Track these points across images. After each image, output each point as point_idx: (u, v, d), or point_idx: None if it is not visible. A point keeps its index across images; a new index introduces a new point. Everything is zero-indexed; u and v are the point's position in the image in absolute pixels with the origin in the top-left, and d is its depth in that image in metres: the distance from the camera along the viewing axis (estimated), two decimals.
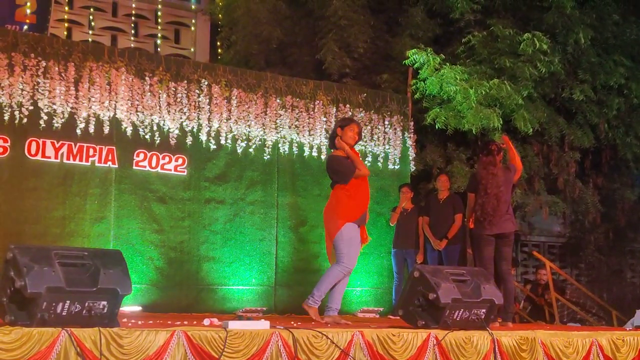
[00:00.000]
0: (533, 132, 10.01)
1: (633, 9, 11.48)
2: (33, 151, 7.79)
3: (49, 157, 7.87)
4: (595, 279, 12.91)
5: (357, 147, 9.52)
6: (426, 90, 9.59)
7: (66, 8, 12.57)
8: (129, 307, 7.49)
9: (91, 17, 12.77)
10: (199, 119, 8.64)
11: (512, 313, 7.19)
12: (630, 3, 11.50)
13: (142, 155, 8.37)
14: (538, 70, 9.72)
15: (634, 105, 11.10)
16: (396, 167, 9.91)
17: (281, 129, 9.16)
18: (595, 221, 11.90)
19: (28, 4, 11.38)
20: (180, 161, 8.60)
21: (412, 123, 10.17)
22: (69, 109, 7.93)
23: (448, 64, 9.58)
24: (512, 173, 7.13)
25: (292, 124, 9.24)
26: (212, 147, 8.73)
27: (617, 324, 9.75)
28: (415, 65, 9.58)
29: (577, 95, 10.33)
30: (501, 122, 9.53)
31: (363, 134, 9.68)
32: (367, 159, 9.68)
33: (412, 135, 10.12)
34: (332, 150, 6.91)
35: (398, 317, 5.82)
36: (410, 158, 10.08)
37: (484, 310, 5.50)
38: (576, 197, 11.26)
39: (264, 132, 9.05)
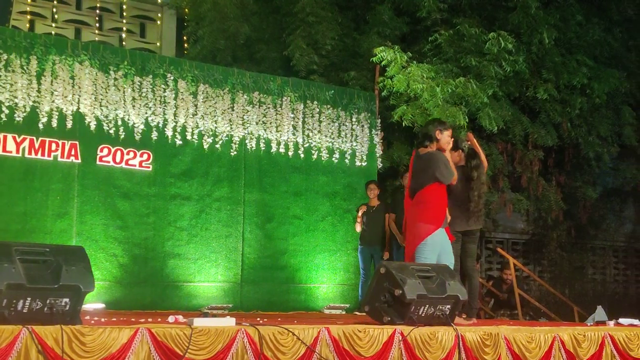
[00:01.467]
0: (498, 131, 10.11)
1: (596, 10, 11.65)
2: None
3: (10, 152, 7.75)
4: (557, 275, 13.10)
5: (325, 144, 9.63)
6: (393, 87, 9.61)
7: (29, 0, 12.35)
8: (92, 304, 7.40)
9: (54, 10, 12.57)
10: (164, 114, 8.57)
11: (477, 309, 7.25)
12: (593, 4, 11.68)
13: (106, 151, 8.28)
14: (503, 70, 9.81)
15: (596, 105, 11.27)
16: (363, 164, 9.94)
17: (248, 125, 9.12)
18: (558, 218, 12.06)
19: None
20: (145, 157, 8.51)
21: (379, 120, 10.22)
22: (31, 103, 7.82)
23: (415, 62, 9.62)
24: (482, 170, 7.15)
25: (259, 120, 9.21)
26: (178, 142, 8.67)
27: (578, 320, 9.89)
28: (383, 63, 9.60)
29: (541, 95, 10.45)
30: (467, 120, 9.59)
31: (330, 131, 9.73)
32: (334, 155, 9.69)
33: (379, 133, 10.17)
34: (421, 149, 6.47)
35: (364, 314, 5.83)
36: (377, 155, 10.13)
37: (448, 306, 5.54)
38: (539, 195, 11.40)
39: (231, 128, 9.01)
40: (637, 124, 12.05)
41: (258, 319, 6.01)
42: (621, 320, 7.19)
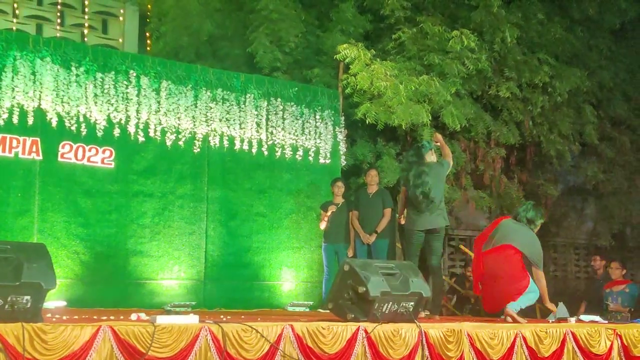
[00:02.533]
0: (460, 129, 10.21)
1: (557, 9, 11.82)
2: None
3: None
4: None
5: (288, 141, 9.63)
6: (357, 85, 9.65)
7: None
8: (54, 302, 7.30)
9: (15, 5, 12.36)
10: (127, 110, 8.50)
11: (440, 306, 7.34)
12: (554, 3, 11.84)
13: (67, 147, 8.19)
14: (466, 68, 9.92)
15: (557, 103, 11.43)
16: (327, 161, 9.97)
17: (211, 122, 9.09)
18: None
19: None
20: (107, 153, 8.44)
21: (342, 118, 10.26)
22: None
23: (378, 59, 9.67)
24: (444, 169, 7.27)
25: (222, 117, 9.19)
26: (141, 139, 8.60)
27: (540, 317, 10.03)
28: (346, 61, 9.63)
29: (503, 93, 10.58)
30: (430, 117, 9.68)
31: (294, 128, 9.73)
32: (298, 153, 9.71)
33: (342, 130, 10.20)
34: None
35: (328, 311, 5.85)
36: (341, 152, 10.17)
37: (412, 303, 5.58)
38: (501, 192, 11.53)
39: (194, 125, 8.97)
40: (598, 123, 12.25)
41: (221, 316, 6.00)
42: (582, 317, 7.33)
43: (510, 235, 7.15)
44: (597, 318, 7.27)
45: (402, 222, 7.67)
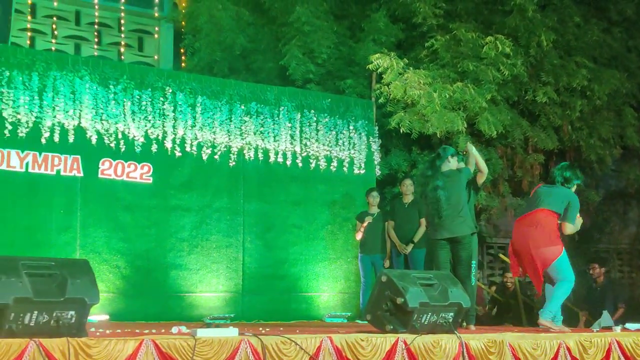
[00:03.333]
0: (497, 135, 10.12)
1: (594, 11, 11.66)
2: None
3: (14, 167, 7.83)
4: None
5: (322, 152, 9.66)
6: (390, 94, 9.63)
7: (28, 17, 12.42)
8: (97, 316, 7.43)
9: (54, 26, 12.64)
10: (163, 126, 8.62)
11: (474, 315, 7.26)
12: (591, 5, 11.69)
13: (107, 164, 8.33)
14: (501, 73, 9.83)
15: (596, 107, 11.25)
16: (361, 172, 9.97)
17: (246, 135, 9.16)
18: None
19: None
20: (145, 169, 8.56)
21: (376, 127, 10.25)
22: (33, 119, 7.87)
23: (411, 68, 9.64)
24: (462, 175, 7.20)
25: (257, 131, 9.25)
26: (178, 154, 8.71)
27: (584, 325, 9.88)
28: (379, 70, 9.63)
29: (540, 98, 10.45)
30: (465, 125, 9.62)
31: (328, 139, 9.75)
32: (332, 164, 9.73)
33: (376, 140, 10.19)
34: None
35: (366, 322, 5.85)
36: (375, 162, 10.15)
37: (451, 314, 5.55)
38: None
39: (229, 139, 9.05)
40: (639, 125, 12.04)
41: (260, 328, 6.04)
42: (628, 325, 7.14)
43: (542, 198, 6.95)
44: None
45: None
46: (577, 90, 10.84)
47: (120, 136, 8.35)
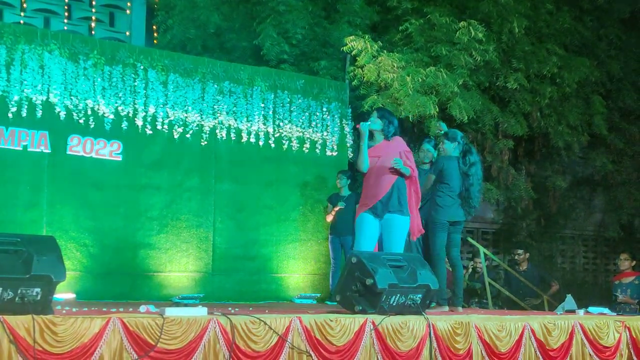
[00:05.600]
0: (468, 120, 10.17)
1: None
2: None
3: None
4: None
5: (295, 134, 9.63)
6: (364, 77, 9.63)
7: None
8: (63, 294, 7.34)
9: None
10: (134, 103, 8.52)
11: (462, 298, 7.33)
12: None
13: (76, 140, 8.22)
14: (473, 59, 9.87)
15: (566, 94, 11.35)
16: (334, 154, 9.98)
17: (219, 114, 9.10)
18: (528, 208, 12.17)
19: None
20: (115, 147, 8.47)
21: (349, 110, 10.25)
22: (0, 93, 7.71)
23: (385, 51, 9.65)
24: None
25: (229, 110, 9.19)
26: (149, 132, 8.62)
27: (548, 309, 10.03)
28: (353, 53, 9.62)
29: (511, 84, 10.52)
30: (437, 109, 9.65)
31: (301, 121, 9.72)
32: (305, 145, 9.70)
33: (349, 122, 10.19)
34: None
35: (335, 304, 5.86)
36: (348, 145, 10.16)
37: (420, 296, 5.59)
38: (509, 184, 11.49)
39: (201, 118, 8.98)
40: (607, 113, 12.18)
41: (229, 308, 6.02)
42: (590, 309, 7.30)
43: None
44: (605, 310, 7.26)
45: None
46: (547, 77, 10.92)
47: (89, 112, 8.24)
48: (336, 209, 9.15)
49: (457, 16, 10.18)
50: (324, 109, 9.95)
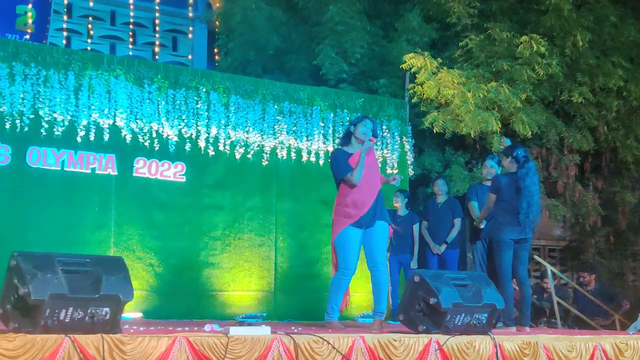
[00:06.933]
0: (532, 136, 10.02)
1: (631, 11, 11.47)
2: (34, 159, 7.82)
3: (50, 166, 7.91)
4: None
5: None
6: (423, 94, 9.59)
7: (65, 17, 12.60)
8: (131, 313, 7.49)
9: (90, 26, 12.81)
10: (197, 125, 8.66)
11: (529, 317, 7.19)
12: (627, 5, 11.50)
13: (141, 163, 8.39)
14: (536, 73, 9.72)
15: (633, 107, 11.07)
16: (394, 171, 9.91)
17: (279, 134, 9.18)
18: (596, 224, 11.88)
19: (28, 13, 11.41)
20: (179, 168, 8.61)
21: (409, 127, 10.20)
22: (69, 117, 7.96)
23: (445, 67, 9.59)
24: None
25: (289, 130, 9.26)
26: (211, 153, 8.75)
27: (620, 328, 9.75)
28: (412, 70, 9.59)
29: (576, 98, 10.32)
30: (500, 125, 9.53)
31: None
32: None
33: (410, 140, 10.14)
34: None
35: (397, 323, 5.81)
36: (409, 162, 10.09)
37: (485, 315, 5.50)
38: (576, 201, 11.24)
39: (262, 138, 9.07)
40: None
41: (292, 327, 6.04)
42: None
43: None
44: None
45: (481, 226, 7.74)
46: (613, 90, 10.69)
47: (154, 135, 8.41)
48: (391, 230, 9.11)
49: (519, 31, 10.06)
50: (384, 127, 9.94)
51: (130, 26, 13.09)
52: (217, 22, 12.82)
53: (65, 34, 12.58)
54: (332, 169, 6.46)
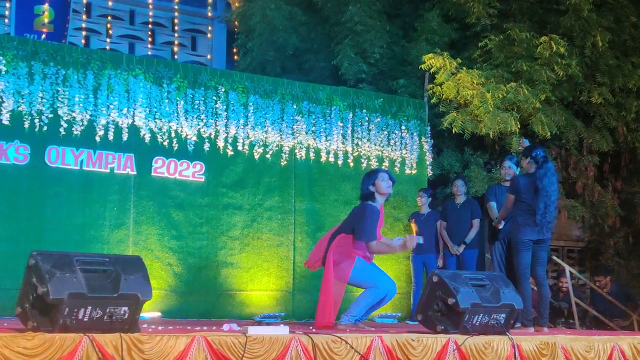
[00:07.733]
0: (551, 136, 9.96)
1: None
2: (53, 159, 7.87)
3: (69, 165, 7.95)
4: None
5: (374, 152, 9.61)
6: (443, 94, 9.57)
7: (84, 17, 12.69)
8: (149, 312, 7.53)
9: (109, 25, 12.89)
10: (216, 125, 8.69)
11: (548, 318, 7.17)
12: None
13: (160, 162, 8.43)
14: (555, 74, 9.67)
15: None
16: (413, 172, 9.90)
17: (298, 134, 9.18)
18: (615, 225, 11.80)
19: (46, 13, 11.50)
20: (198, 167, 8.64)
21: (429, 128, 10.17)
22: (88, 117, 8.00)
23: (464, 68, 9.56)
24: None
25: (308, 130, 9.27)
26: (230, 153, 8.77)
27: (638, 329, 9.66)
28: (432, 70, 9.57)
29: (595, 99, 10.26)
30: (519, 126, 9.49)
31: (379, 139, 9.70)
32: (383, 163, 9.68)
33: (429, 140, 10.12)
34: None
35: (416, 323, 5.80)
36: (427, 163, 10.08)
37: (503, 315, 5.49)
38: (595, 201, 11.17)
39: (281, 138, 9.08)
40: None
41: (310, 327, 6.04)
42: None
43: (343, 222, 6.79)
44: None
45: (499, 226, 7.72)
46: (633, 91, 10.61)
47: (173, 135, 8.44)
48: (414, 227, 9.13)
49: (538, 31, 10.02)
50: (403, 127, 9.91)
51: (150, 26, 13.15)
52: (236, 22, 12.84)
53: (84, 33, 12.67)
54: (361, 222, 6.48)
